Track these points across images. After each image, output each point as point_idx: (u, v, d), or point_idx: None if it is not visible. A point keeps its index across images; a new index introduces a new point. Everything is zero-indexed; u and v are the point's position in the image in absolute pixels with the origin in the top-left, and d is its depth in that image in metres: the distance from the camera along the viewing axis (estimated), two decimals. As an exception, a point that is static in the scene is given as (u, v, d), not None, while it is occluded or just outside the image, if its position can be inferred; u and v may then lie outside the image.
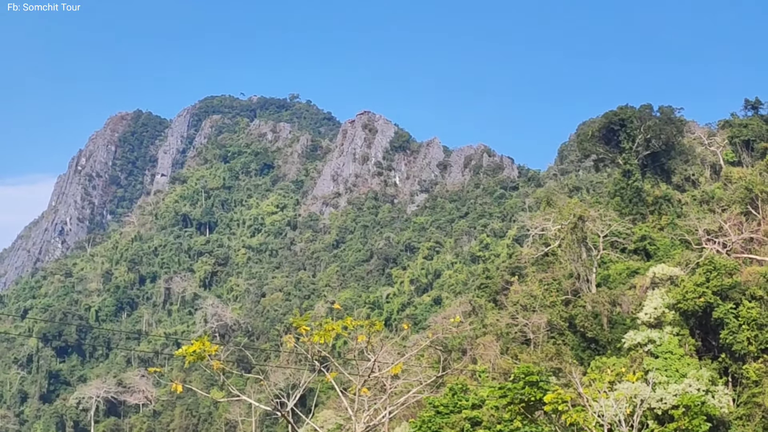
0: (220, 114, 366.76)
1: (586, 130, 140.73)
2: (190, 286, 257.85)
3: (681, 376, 67.64)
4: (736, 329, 72.17)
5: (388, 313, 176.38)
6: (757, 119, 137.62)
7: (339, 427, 67.84)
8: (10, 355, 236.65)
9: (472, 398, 65.32)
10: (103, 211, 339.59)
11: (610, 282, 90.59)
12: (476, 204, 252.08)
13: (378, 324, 29.48)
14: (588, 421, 38.08)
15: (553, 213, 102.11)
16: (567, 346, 78.86)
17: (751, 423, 69.82)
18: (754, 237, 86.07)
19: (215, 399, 62.13)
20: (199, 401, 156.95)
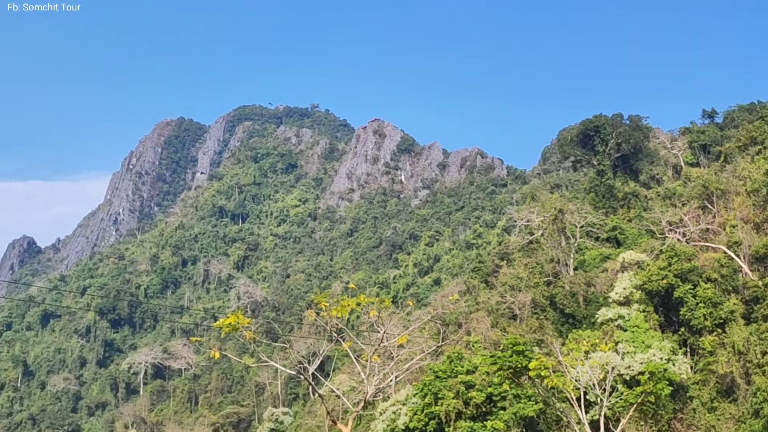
0: (251, 121, 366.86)
1: (565, 135, 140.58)
2: (225, 268, 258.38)
3: (646, 346, 67.57)
4: (693, 307, 72.11)
5: (395, 292, 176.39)
6: (713, 126, 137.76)
7: (352, 389, 67.80)
8: (71, 327, 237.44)
9: (467, 365, 65.22)
10: (151, 203, 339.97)
11: (585, 266, 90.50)
12: (471, 199, 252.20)
13: (386, 301, 29.41)
14: (566, 385, 38.01)
15: (537, 207, 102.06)
16: (548, 320, 78.84)
17: (706, 387, 69.81)
18: (709, 228, 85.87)
19: (247, 364, 62.09)
20: (233, 366, 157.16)
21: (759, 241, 77.83)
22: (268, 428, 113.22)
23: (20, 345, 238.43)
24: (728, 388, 69.05)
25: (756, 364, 66.58)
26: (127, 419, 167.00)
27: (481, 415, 61.21)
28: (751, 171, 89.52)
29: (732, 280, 75.45)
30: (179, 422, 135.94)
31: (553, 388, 42.34)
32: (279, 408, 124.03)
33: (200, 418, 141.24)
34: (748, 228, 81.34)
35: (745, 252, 77.85)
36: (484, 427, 60.03)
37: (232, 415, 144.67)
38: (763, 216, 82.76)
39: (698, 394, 69.42)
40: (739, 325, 70.19)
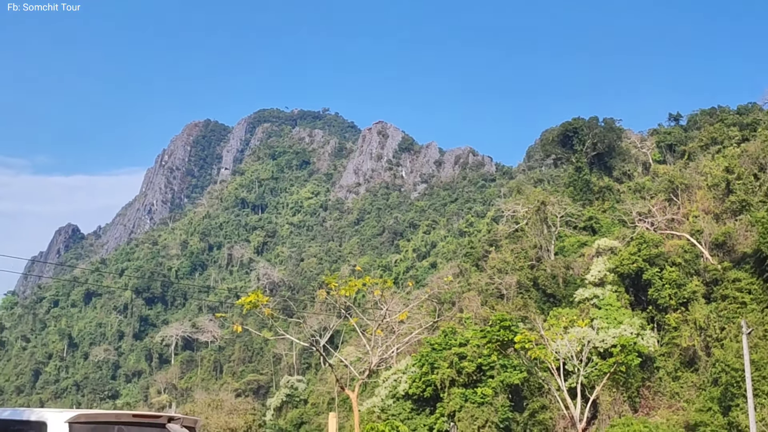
0: (270, 122, 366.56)
1: (547, 135, 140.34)
2: (246, 252, 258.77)
3: (618, 322, 67.70)
4: (660, 288, 72.18)
5: (396, 274, 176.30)
6: (678, 128, 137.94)
7: (359, 359, 67.94)
8: (110, 304, 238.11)
9: (460, 338, 65.39)
10: (181, 195, 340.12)
11: (564, 251, 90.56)
12: (463, 192, 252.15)
13: (389, 282, 29.49)
14: (548, 356, 38.09)
15: (522, 199, 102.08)
16: (532, 299, 78.92)
17: (671, 358, 69.96)
18: (674, 218, 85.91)
19: (266, 337, 62.21)
20: (253, 339, 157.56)
21: (718, 230, 77.92)
22: (284, 394, 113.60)
23: (66, 320, 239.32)
24: (690, 359, 69.19)
25: (715, 338, 66.69)
26: (160, 386, 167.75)
27: (472, 383, 61.41)
28: (711, 168, 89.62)
29: (694, 264, 75.52)
30: (206, 388, 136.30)
31: (536, 359, 42.40)
32: (294, 376, 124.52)
33: (224, 384, 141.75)
34: (709, 218, 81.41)
35: (706, 239, 77.92)
36: (474, 393, 60.22)
37: (253, 382, 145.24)
38: (722, 207, 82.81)
39: (664, 365, 69.58)
40: (700, 304, 70.28)
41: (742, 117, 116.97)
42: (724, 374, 60.93)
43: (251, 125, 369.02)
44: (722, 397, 60.87)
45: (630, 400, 66.75)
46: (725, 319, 67.18)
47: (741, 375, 54.13)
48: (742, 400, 55.15)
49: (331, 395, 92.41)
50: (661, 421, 63.10)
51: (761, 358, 59.78)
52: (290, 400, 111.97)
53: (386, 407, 65.16)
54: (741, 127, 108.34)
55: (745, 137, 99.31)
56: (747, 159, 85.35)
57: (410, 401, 64.10)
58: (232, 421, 65.39)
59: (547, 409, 63.96)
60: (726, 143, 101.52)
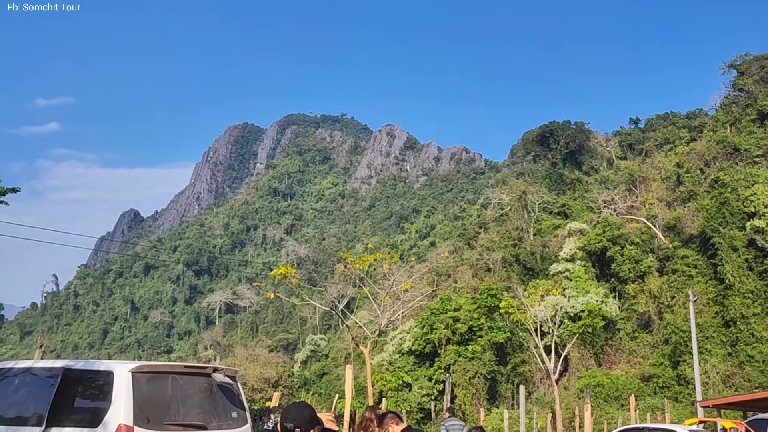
0: (297, 125, 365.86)
1: (528, 135, 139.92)
2: (277, 233, 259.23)
3: (586, 292, 67.64)
4: (621, 263, 72.12)
5: (401, 251, 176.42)
6: (637, 130, 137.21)
7: (370, 321, 68.06)
8: (166, 275, 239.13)
9: (454, 304, 65.42)
10: (224, 186, 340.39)
11: (542, 233, 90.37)
12: (458, 183, 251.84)
13: (395, 257, 29.45)
14: (527, 319, 38.05)
15: (506, 189, 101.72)
16: (514, 272, 78.85)
17: (630, 322, 69.97)
18: (633, 205, 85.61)
19: (294, 303, 62.35)
20: (284, 304, 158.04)
21: (670, 215, 77.72)
22: (309, 350, 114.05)
23: (129, 288, 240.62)
24: (646, 322, 69.19)
25: (666, 305, 66.66)
26: (206, 342, 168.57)
27: (464, 341, 61.47)
28: (664, 163, 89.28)
29: (649, 243, 75.37)
30: (244, 345, 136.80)
31: (517, 321, 42.37)
32: (317, 335, 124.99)
33: (259, 342, 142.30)
34: (662, 205, 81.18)
35: (660, 223, 77.69)
36: (466, 350, 60.30)
37: (283, 340, 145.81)
38: (673, 196, 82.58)
39: (623, 327, 69.59)
40: (654, 277, 70.19)
41: (691, 120, 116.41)
42: (674, 335, 61.00)
43: (282, 127, 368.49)
44: (672, 354, 60.96)
45: (595, 356, 66.82)
46: (675, 289, 67.11)
47: (687, 335, 54.12)
48: (688, 356, 55.20)
49: (347, 351, 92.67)
50: (621, 374, 63.16)
51: (704, 322, 59.81)
52: (314, 354, 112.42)
53: (393, 361, 65.33)
54: (690, 129, 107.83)
55: (693, 138, 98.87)
56: (694, 156, 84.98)
57: (413, 356, 64.25)
58: (266, 372, 65.48)
59: (527, 363, 64.07)
60: (677, 143, 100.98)
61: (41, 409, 9.02)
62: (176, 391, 9.50)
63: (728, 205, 66.26)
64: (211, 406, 9.94)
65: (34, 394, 9.48)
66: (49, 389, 9.18)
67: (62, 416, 8.90)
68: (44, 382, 9.47)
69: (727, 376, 56.15)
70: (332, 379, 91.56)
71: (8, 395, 9.73)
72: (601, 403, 55.14)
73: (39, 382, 9.59)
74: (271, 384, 61.80)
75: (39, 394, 9.33)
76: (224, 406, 10.11)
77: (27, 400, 9.54)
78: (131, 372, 8.98)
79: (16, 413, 9.42)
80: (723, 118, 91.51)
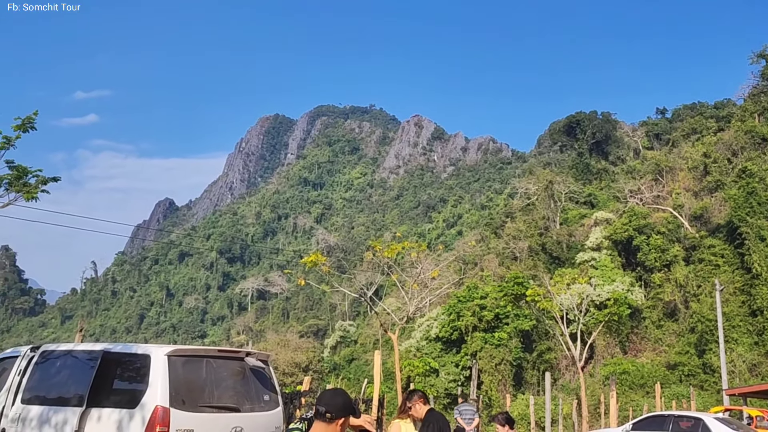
0: (327, 116, 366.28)
1: (555, 126, 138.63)
2: (308, 221, 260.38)
3: (612, 280, 67.01)
4: (647, 252, 71.24)
5: (429, 240, 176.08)
6: (664, 120, 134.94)
7: (398, 308, 68.23)
8: (200, 262, 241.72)
9: (481, 292, 65.27)
10: (256, 175, 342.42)
11: (568, 222, 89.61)
12: (485, 173, 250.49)
13: (423, 246, 29.46)
14: (553, 307, 37.81)
15: (533, 179, 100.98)
16: (540, 261, 78.36)
17: (656, 310, 69.18)
18: (660, 195, 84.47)
19: (324, 289, 62.51)
20: (314, 291, 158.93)
21: (696, 205, 76.59)
22: (338, 335, 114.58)
23: (164, 275, 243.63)
24: (671, 311, 68.37)
25: (692, 294, 65.79)
26: (239, 328, 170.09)
27: (490, 328, 61.32)
28: (691, 153, 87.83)
29: (676, 233, 74.34)
30: (276, 330, 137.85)
31: (543, 309, 42.11)
32: (346, 321, 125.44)
33: (290, 327, 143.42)
34: (689, 195, 80.00)
35: (686, 213, 76.60)
36: (492, 337, 60.16)
37: (313, 325, 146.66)
38: (700, 186, 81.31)
39: (649, 315, 68.84)
40: (680, 266, 69.26)
41: (719, 110, 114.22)
42: (700, 324, 60.22)
43: (312, 118, 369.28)
44: (698, 342, 60.20)
45: (621, 344, 66.19)
46: (701, 278, 66.17)
47: (714, 324, 53.37)
48: (714, 345, 54.49)
49: (375, 337, 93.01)
50: (647, 362, 62.52)
51: (731, 311, 58.94)
52: (343, 340, 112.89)
53: (420, 347, 65.43)
54: (717, 119, 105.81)
55: (721, 128, 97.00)
56: (722, 146, 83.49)
57: (440, 342, 64.27)
58: (297, 357, 66.06)
59: (552, 350, 63.71)
60: (704, 133, 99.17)
61: (82, 390, 9.18)
62: (210, 375, 9.62)
63: (756, 195, 65.08)
64: (244, 389, 10.05)
65: (75, 376, 9.67)
66: (89, 371, 9.35)
67: (102, 397, 9.06)
68: (84, 364, 9.65)
69: (753, 365, 55.30)
70: (361, 364, 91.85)
71: (51, 376, 9.94)
72: (627, 391, 54.66)
73: (80, 365, 9.77)
74: (302, 368, 62.33)
75: (80, 376, 9.50)
76: (256, 390, 10.21)
77: (68, 381, 9.73)
78: (167, 355, 9.10)
79: (58, 394, 9.61)
80: (751, 107, 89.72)
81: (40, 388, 9.80)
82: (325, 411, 4.66)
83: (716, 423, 23.85)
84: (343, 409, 4.70)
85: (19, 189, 10.52)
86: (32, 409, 9.51)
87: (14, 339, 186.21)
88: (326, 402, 4.70)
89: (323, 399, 4.75)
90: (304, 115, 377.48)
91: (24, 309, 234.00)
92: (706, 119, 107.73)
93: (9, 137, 10.51)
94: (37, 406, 9.50)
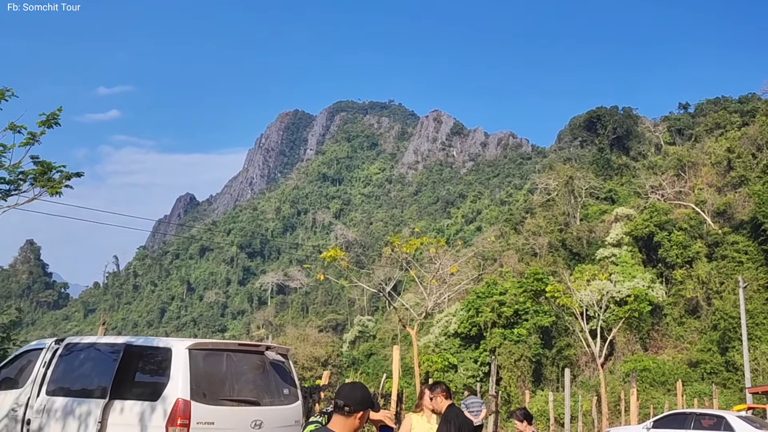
0: (345, 112, 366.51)
1: (575, 121, 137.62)
2: (327, 217, 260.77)
3: (632, 277, 66.52)
4: (668, 248, 70.60)
5: (448, 236, 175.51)
6: (687, 115, 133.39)
7: (417, 303, 68.24)
8: (220, 257, 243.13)
9: (500, 288, 65.11)
10: (275, 171, 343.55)
11: (588, 218, 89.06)
12: (504, 168, 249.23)
13: (441, 242, 29.38)
14: (573, 303, 37.63)
15: (553, 174, 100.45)
16: (560, 257, 77.99)
17: (677, 307, 68.58)
18: (681, 190, 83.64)
19: (342, 284, 62.72)
20: (333, 286, 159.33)
21: (720, 201, 75.75)
22: (357, 330, 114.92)
23: (185, 269, 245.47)
24: (693, 308, 67.74)
25: (715, 291, 65.18)
26: (259, 322, 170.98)
27: (509, 324, 61.19)
28: (714, 148, 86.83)
29: (698, 229, 73.62)
30: (295, 325, 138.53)
31: (563, 305, 41.92)
32: (365, 316, 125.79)
33: (309, 322, 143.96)
34: (712, 191, 79.17)
35: (709, 209, 75.80)
36: (511, 333, 60.03)
37: (332, 320, 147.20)
38: (724, 182, 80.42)
39: (670, 312, 68.25)
40: (702, 262, 68.60)
41: (743, 105, 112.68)
42: (723, 321, 59.60)
43: (331, 114, 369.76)
44: (720, 340, 59.61)
45: (641, 341, 65.71)
46: (724, 275, 65.53)
47: (737, 322, 52.82)
48: (737, 342, 53.92)
49: (394, 332, 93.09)
50: (668, 359, 62.03)
51: (754, 308, 58.30)
52: (362, 335, 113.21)
53: (439, 343, 65.42)
54: (741, 114, 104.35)
55: (745, 122, 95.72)
56: (746, 141, 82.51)
57: (459, 338, 64.23)
58: (316, 351, 66.38)
59: (572, 347, 63.42)
60: (728, 128, 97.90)
61: (105, 382, 9.32)
62: (231, 368, 9.70)
63: (781, 191, 64.28)
64: (264, 383, 10.12)
65: (98, 368, 9.81)
66: (112, 364, 9.48)
67: (124, 390, 9.19)
68: (107, 357, 9.79)
69: (776, 363, 54.68)
70: (379, 359, 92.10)
71: (74, 368, 10.09)
72: (647, 388, 54.27)
73: (102, 357, 9.91)
74: (321, 363, 62.60)
75: (103, 368, 9.64)
76: (276, 383, 10.28)
77: (91, 373, 9.88)
78: (188, 349, 9.20)
79: (82, 386, 9.77)
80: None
81: (65, 380, 9.95)
82: (344, 404, 4.67)
83: (739, 421, 23.61)
84: (361, 403, 4.70)
85: (43, 184, 10.65)
86: (57, 400, 9.66)
87: (38, 332, 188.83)
88: (345, 395, 4.71)
89: (342, 392, 4.76)
90: (323, 110, 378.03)
91: (48, 302, 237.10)
92: (730, 114, 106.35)
93: (34, 133, 10.64)
94: (62, 398, 9.65)
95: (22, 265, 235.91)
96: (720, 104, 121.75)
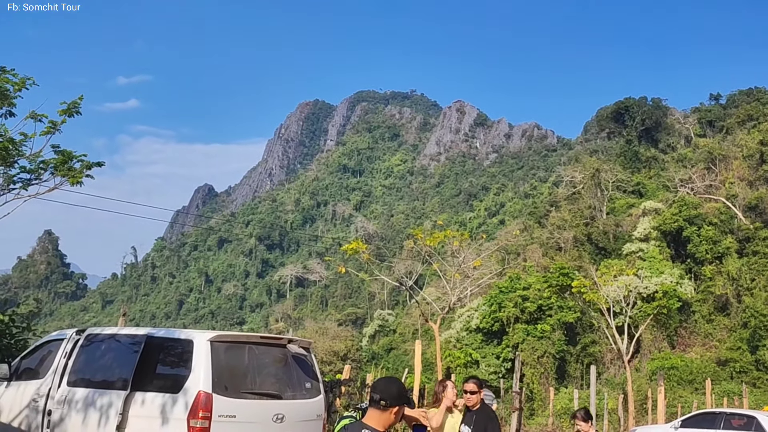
0: (366, 102, 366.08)
1: (602, 112, 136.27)
2: (347, 209, 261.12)
3: (660, 272, 65.84)
4: (698, 243, 69.84)
5: (470, 229, 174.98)
6: (718, 107, 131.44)
7: (438, 298, 68.12)
8: (239, 249, 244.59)
9: (523, 283, 64.79)
10: (295, 162, 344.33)
11: (615, 212, 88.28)
12: (529, 160, 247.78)
13: (465, 235, 29.24)
14: (599, 299, 37.35)
15: (579, 167, 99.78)
16: (586, 252, 77.45)
17: (706, 304, 67.85)
18: (712, 184, 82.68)
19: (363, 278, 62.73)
20: (353, 279, 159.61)
21: (751, 195, 74.78)
22: (377, 324, 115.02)
23: (203, 261, 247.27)
24: (723, 305, 66.99)
25: (746, 288, 64.41)
26: (278, 315, 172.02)
27: (533, 320, 60.90)
28: (747, 141, 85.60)
29: (729, 224, 72.75)
30: (314, 318, 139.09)
31: (589, 301, 41.66)
32: (385, 310, 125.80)
33: (329, 315, 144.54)
34: (743, 185, 78.16)
35: (740, 203, 74.86)
36: (535, 329, 59.74)
37: (352, 314, 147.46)
38: (756, 175, 79.29)
39: (699, 309, 67.53)
40: (733, 258, 67.80)
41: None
42: (753, 318, 58.91)
43: (352, 104, 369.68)
44: (751, 338, 58.93)
45: (669, 338, 65.12)
46: (755, 271, 64.71)
47: (768, 320, 52.16)
48: (768, 341, 53.29)
49: (414, 327, 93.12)
50: (696, 357, 61.46)
51: (787, 306, 57.58)
52: (382, 329, 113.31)
53: (461, 338, 65.34)
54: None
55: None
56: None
57: (481, 334, 64.08)
58: (335, 345, 66.49)
59: (597, 343, 62.99)
60: (761, 120, 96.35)
61: (126, 374, 9.38)
62: (252, 361, 9.73)
63: (816, 185, 63.26)
64: (286, 377, 10.14)
65: (119, 360, 9.87)
66: (133, 355, 9.54)
67: (145, 381, 9.24)
68: (128, 348, 9.85)
69: (809, 362, 53.97)
70: (399, 354, 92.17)
71: (95, 360, 10.17)
72: (675, 386, 53.79)
73: (123, 349, 9.98)
74: (340, 357, 62.70)
75: (124, 360, 9.70)
76: (298, 377, 10.29)
77: (113, 365, 9.95)
78: (210, 341, 9.23)
79: (103, 377, 9.83)
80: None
81: (86, 371, 10.03)
82: (380, 399, 4.68)
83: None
84: (398, 398, 4.72)
85: (64, 173, 10.73)
86: (78, 391, 9.75)
87: (57, 323, 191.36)
88: (381, 390, 4.73)
89: (378, 387, 4.78)
90: (344, 100, 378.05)
91: (66, 293, 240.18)
92: (764, 105, 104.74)
93: (55, 122, 10.71)
94: (83, 389, 9.73)
95: (41, 256, 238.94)
96: (753, 95, 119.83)
